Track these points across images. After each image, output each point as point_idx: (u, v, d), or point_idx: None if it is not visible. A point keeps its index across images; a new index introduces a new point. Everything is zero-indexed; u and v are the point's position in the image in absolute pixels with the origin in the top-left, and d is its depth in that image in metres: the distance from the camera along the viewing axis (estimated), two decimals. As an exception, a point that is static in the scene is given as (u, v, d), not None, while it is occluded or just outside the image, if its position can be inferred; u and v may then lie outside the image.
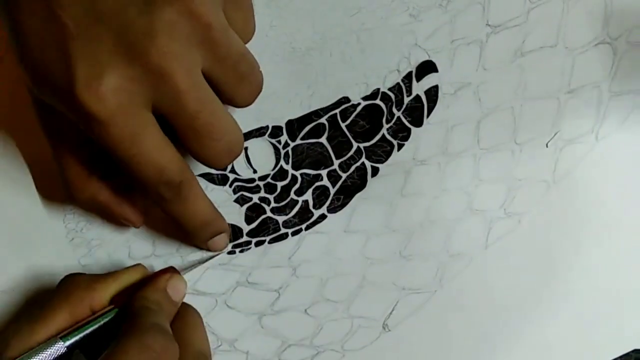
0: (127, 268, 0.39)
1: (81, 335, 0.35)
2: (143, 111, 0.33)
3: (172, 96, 0.33)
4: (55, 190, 0.42)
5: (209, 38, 0.33)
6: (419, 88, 0.44)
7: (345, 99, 0.44)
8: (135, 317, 0.35)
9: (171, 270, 0.39)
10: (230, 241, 0.43)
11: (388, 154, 0.44)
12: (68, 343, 0.35)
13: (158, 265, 0.43)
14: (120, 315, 0.37)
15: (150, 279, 0.38)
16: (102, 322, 0.36)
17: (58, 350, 0.34)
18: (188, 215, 0.38)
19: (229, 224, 0.43)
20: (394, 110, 0.44)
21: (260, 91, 0.37)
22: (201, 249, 0.43)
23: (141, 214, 0.41)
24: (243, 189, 0.43)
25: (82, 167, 0.38)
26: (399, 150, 0.44)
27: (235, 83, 0.35)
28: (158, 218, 0.42)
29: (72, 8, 0.31)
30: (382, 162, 0.44)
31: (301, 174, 0.44)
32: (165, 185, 0.35)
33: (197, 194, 0.38)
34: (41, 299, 0.40)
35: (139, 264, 0.40)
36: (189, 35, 0.32)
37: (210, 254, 0.43)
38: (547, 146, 0.45)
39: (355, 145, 0.44)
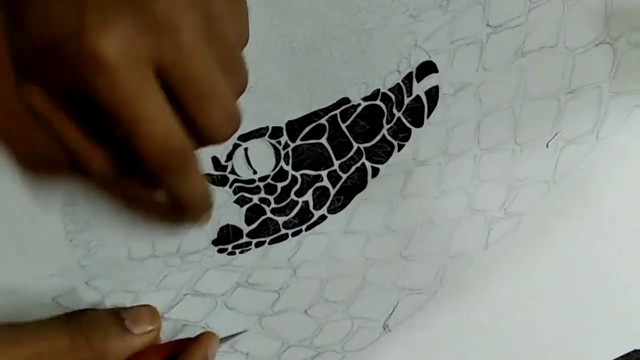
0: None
1: None
2: (148, 70, 0.33)
3: (178, 53, 0.32)
4: (54, 189, 0.42)
5: (209, 9, 0.33)
6: (419, 88, 0.44)
7: (346, 100, 0.44)
8: None
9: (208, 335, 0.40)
10: (230, 242, 0.43)
11: (388, 155, 0.44)
12: None
13: (157, 265, 0.43)
14: None
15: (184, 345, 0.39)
16: None
17: None
18: (189, 189, 0.36)
19: (229, 224, 0.43)
20: (394, 110, 0.44)
21: (244, 90, 0.37)
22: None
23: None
24: (243, 190, 0.43)
25: (85, 137, 0.36)
26: (399, 150, 0.44)
27: (227, 68, 0.35)
28: (158, 218, 0.42)
29: None
30: (382, 162, 0.44)
31: (301, 175, 0.44)
32: (170, 153, 0.34)
33: (198, 168, 0.37)
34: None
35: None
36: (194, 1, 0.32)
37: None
38: (547, 146, 0.45)
39: (355, 145, 0.44)
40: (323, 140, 0.44)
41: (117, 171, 0.37)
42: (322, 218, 0.44)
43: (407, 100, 0.44)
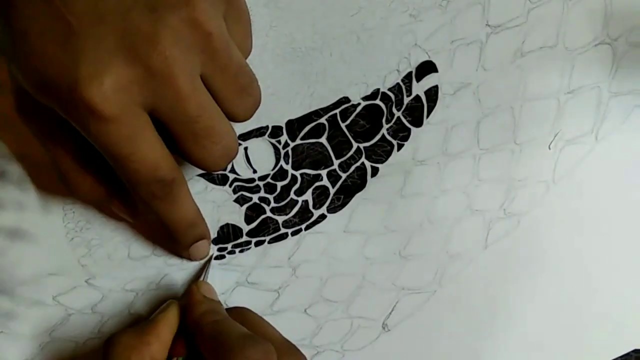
0: (164, 310, 0.38)
1: None
2: (141, 112, 0.33)
3: (173, 100, 0.33)
4: (53, 189, 0.42)
5: (210, 47, 0.33)
6: (419, 88, 0.44)
7: (345, 99, 0.44)
8: (211, 337, 0.35)
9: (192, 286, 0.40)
10: (230, 241, 0.43)
11: (388, 154, 0.44)
12: None
13: (158, 264, 0.43)
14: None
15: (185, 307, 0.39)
16: None
17: None
18: (176, 214, 0.38)
19: (229, 223, 0.43)
20: (394, 110, 0.44)
21: (259, 106, 0.37)
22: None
23: (136, 208, 0.41)
24: (243, 189, 0.43)
25: (75, 163, 0.38)
26: (398, 150, 0.44)
27: (235, 95, 0.35)
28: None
29: (75, 6, 0.31)
30: (382, 162, 0.44)
31: (301, 174, 0.44)
32: (158, 182, 0.35)
33: (186, 195, 0.38)
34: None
35: (171, 301, 0.39)
36: (191, 43, 0.33)
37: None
38: (549, 148, 0.45)
39: (355, 145, 0.44)
40: (323, 140, 0.44)
41: (102, 197, 0.39)
42: (322, 217, 0.44)
43: (406, 100, 0.44)
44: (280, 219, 0.44)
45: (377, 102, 0.44)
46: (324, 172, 0.44)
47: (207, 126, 0.34)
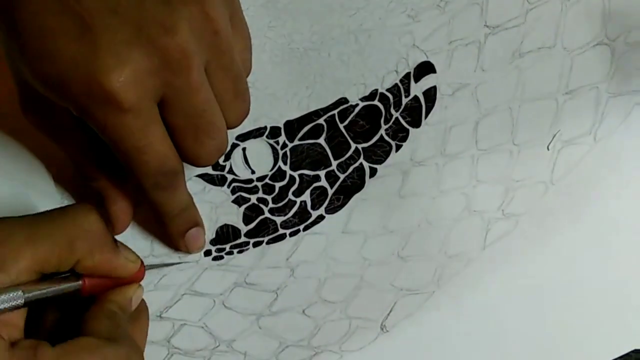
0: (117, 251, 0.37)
1: (42, 294, 0.34)
2: (153, 104, 0.33)
3: (184, 92, 0.33)
4: (53, 191, 0.42)
5: (216, 44, 0.34)
6: (417, 89, 0.44)
7: (344, 100, 0.44)
8: (106, 319, 0.35)
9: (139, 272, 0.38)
10: (229, 242, 0.43)
11: (386, 155, 0.44)
12: (27, 296, 0.33)
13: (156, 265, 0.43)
14: (82, 298, 0.36)
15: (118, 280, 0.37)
16: (63, 289, 0.35)
17: (15, 300, 0.33)
18: (173, 202, 0.39)
19: (227, 224, 0.43)
20: (393, 111, 0.44)
21: (247, 116, 0.38)
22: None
23: (128, 219, 0.41)
24: (241, 190, 0.43)
25: (85, 157, 0.38)
26: (397, 151, 0.44)
27: (232, 98, 0.36)
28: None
29: (87, 0, 0.31)
30: (380, 162, 0.44)
31: (299, 175, 0.44)
32: (165, 174, 0.36)
33: (184, 184, 0.39)
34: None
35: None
36: (201, 37, 0.33)
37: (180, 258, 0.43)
38: (548, 149, 0.45)
39: (353, 145, 0.44)
40: (321, 140, 0.44)
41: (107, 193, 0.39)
42: (320, 218, 0.44)
43: (405, 101, 0.44)
44: (279, 219, 0.44)
45: (376, 102, 0.44)
46: (322, 173, 0.44)
47: (209, 121, 0.35)
